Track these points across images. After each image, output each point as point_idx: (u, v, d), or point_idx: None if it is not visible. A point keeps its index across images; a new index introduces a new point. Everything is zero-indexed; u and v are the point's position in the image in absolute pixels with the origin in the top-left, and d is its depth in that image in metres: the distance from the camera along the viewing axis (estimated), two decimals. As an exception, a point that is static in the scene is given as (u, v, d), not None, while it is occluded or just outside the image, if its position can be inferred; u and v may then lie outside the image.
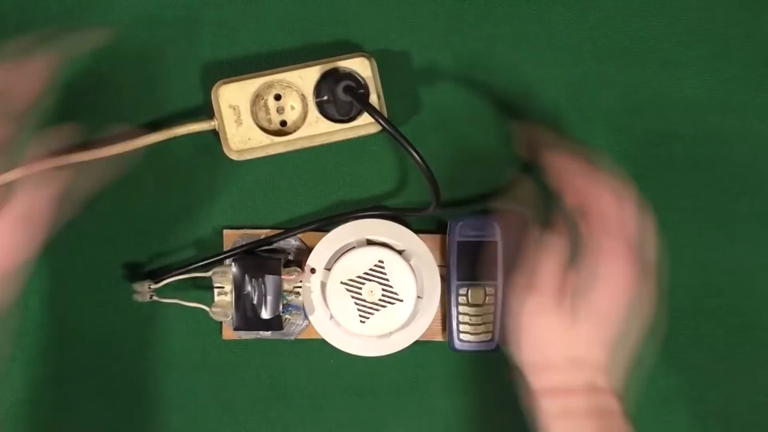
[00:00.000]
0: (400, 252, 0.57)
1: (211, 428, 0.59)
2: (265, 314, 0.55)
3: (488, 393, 0.59)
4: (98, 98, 0.57)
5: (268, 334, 0.58)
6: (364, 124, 0.56)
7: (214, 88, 0.56)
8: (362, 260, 0.56)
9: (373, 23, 0.58)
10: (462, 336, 0.59)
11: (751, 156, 0.58)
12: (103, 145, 0.55)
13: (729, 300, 0.58)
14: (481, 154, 0.59)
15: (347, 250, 0.56)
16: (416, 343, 0.58)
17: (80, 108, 0.57)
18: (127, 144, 0.55)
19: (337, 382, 0.59)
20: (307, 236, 0.59)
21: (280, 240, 0.57)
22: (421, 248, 0.58)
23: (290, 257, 0.58)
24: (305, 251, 0.58)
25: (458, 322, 0.59)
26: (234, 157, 0.57)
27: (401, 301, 0.56)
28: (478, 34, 0.58)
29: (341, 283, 0.56)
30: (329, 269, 0.56)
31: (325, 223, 0.58)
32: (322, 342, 0.58)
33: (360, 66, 0.56)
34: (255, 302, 0.55)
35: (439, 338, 0.60)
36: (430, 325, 0.58)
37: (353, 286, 0.56)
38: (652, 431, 0.59)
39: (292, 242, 0.59)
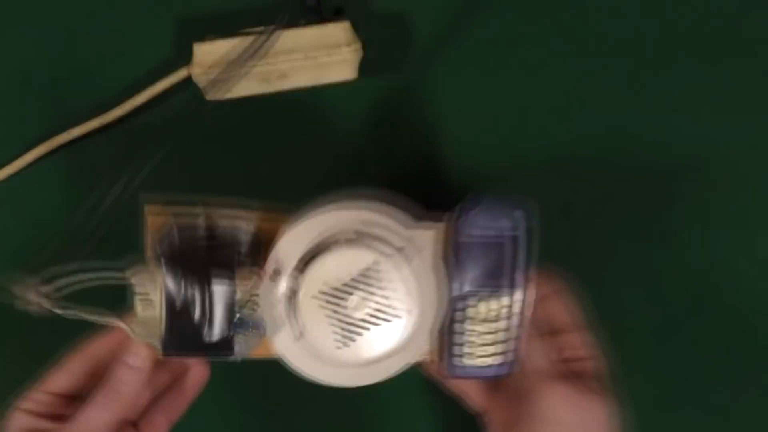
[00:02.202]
0: (398, 249, 0.42)
1: (210, 428, 0.55)
2: (210, 335, 0.39)
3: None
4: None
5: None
6: (330, 26, 0.49)
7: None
8: (347, 263, 0.41)
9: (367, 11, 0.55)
10: (464, 360, 0.45)
11: (751, 156, 0.57)
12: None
13: (729, 300, 0.56)
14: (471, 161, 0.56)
15: (327, 247, 0.41)
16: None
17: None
18: (110, 114, 0.52)
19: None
20: (267, 223, 0.43)
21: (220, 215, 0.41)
22: (426, 244, 0.43)
23: (241, 250, 0.42)
24: (261, 245, 0.42)
25: (460, 343, 0.45)
26: (197, 60, 0.49)
27: (398, 317, 0.41)
28: (478, 33, 0.56)
29: (318, 294, 0.40)
30: (301, 272, 0.40)
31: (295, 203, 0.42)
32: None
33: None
34: (196, 319, 0.39)
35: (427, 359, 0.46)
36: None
37: (333, 299, 0.40)
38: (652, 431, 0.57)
39: (243, 230, 0.43)
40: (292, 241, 0.41)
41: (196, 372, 0.47)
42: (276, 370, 0.44)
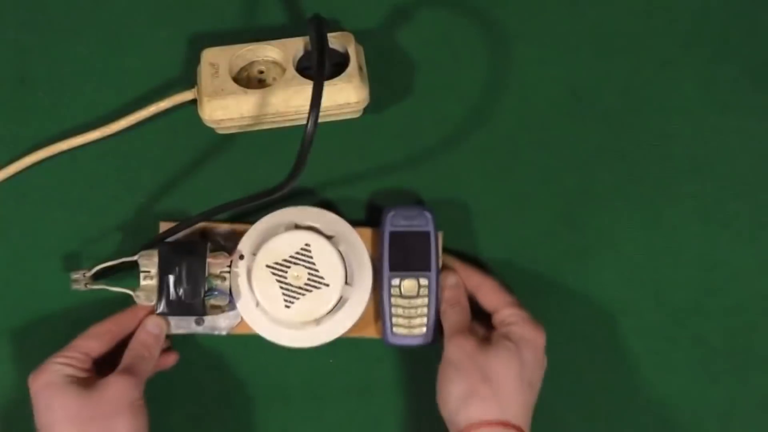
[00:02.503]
0: (328, 238, 0.56)
1: (210, 427, 0.58)
2: (187, 298, 0.54)
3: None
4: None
5: (199, 329, 0.57)
6: (340, 85, 0.57)
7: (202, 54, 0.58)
8: (288, 244, 0.55)
9: (366, 16, 0.61)
10: (395, 329, 0.57)
11: (750, 156, 0.58)
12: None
13: (729, 300, 0.58)
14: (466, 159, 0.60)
15: (274, 233, 0.56)
16: (355, 342, 0.57)
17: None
18: (111, 126, 0.58)
19: (336, 381, 0.58)
20: (242, 227, 0.59)
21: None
22: (351, 235, 0.57)
23: (221, 242, 0.58)
24: (236, 236, 0.58)
25: (391, 315, 0.57)
26: (207, 115, 0.57)
27: (327, 285, 0.55)
28: (478, 33, 0.59)
29: (267, 266, 0.55)
30: (256, 254, 0.56)
31: (241, 206, 0.58)
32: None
33: (343, 39, 0.58)
34: (178, 286, 0.54)
35: (372, 334, 0.58)
36: (363, 318, 0.57)
37: (278, 270, 0.55)
38: (652, 431, 0.58)
39: (222, 227, 0.59)
40: (253, 233, 0.57)
41: (170, 354, 0.58)
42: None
